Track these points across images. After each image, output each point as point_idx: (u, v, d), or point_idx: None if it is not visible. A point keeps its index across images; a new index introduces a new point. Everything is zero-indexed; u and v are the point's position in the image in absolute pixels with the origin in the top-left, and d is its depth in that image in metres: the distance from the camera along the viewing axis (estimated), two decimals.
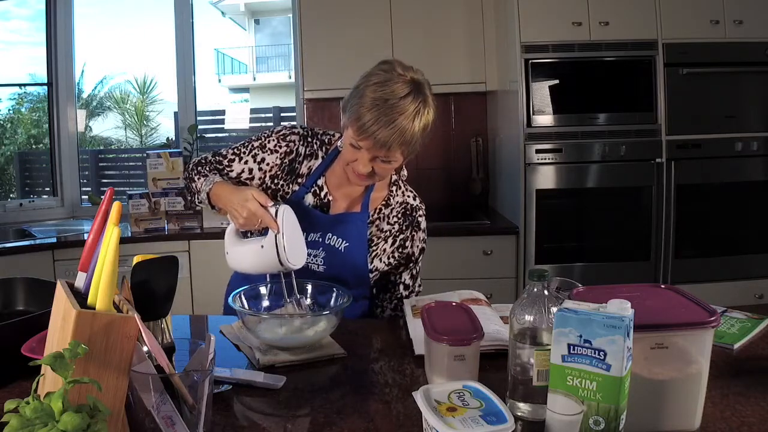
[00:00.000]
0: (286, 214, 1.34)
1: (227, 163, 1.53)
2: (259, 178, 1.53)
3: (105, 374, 0.80)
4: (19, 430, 0.69)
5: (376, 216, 1.55)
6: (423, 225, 1.60)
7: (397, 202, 1.57)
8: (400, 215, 1.57)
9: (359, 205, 1.54)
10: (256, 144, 1.53)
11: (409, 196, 1.60)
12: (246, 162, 1.52)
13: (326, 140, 1.55)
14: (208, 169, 1.54)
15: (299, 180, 1.53)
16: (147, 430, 0.84)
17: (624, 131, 2.91)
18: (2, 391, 1.09)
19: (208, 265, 3.02)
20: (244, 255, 1.39)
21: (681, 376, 0.93)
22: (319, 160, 1.53)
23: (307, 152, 1.53)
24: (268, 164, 1.52)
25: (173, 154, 3.24)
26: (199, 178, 1.51)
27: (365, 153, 1.36)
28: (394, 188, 1.58)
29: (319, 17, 3.23)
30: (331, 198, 1.53)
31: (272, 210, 1.34)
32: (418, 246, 1.60)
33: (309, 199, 1.53)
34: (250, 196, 1.35)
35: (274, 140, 1.52)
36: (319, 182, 1.53)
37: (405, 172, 1.61)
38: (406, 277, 1.61)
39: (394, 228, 1.56)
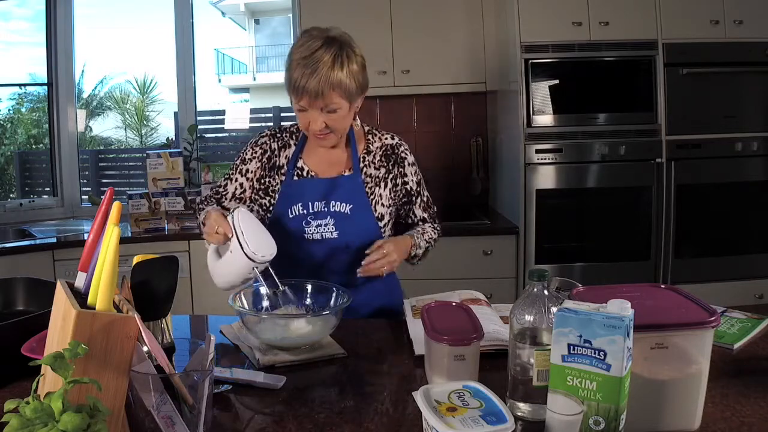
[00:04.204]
0: (239, 215, 1.42)
1: (222, 190, 1.66)
2: (250, 187, 1.65)
3: (105, 374, 0.80)
4: (19, 430, 0.69)
5: (361, 164, 1.63)
6: (410, 158, 1.68)
7: (377, 147, 1.66)
8: (382, 158, 1.65)
9: (349, 168, 1.61)
10: (238, 162, 1.66)
11: (386, 138, 1.68)
12: (236, 180, 1.65)
13: (294, 129, 1.67)
14: (206, 204, 1.67)
15: (282, 171, 1.62)
16: (147, 430, 0.84)
17: (624, 131, 2.90)
18: (2, 391, 1.09)
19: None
20: (222, 267, 1.45)
21: (681, 376, 0.93)
22: (293, 148, 1.64)
23: (279, 145, 1.65)
24: (252, 171, 1.64)
25: (173, 154, 3.24)
26: (200, 215, 1.62)
27: (311, 112, 1.47)
28: (370, 137, 1.67)
29: (319, 17, 3.21)
30: (314, 174, 1.61)
31: (229, 217, 1.43)
32: (412, 179, 1.67)
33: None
34: (212, 214, 1.47)
35: (249, 150, 1.65)
36: (299, 164, 1.62)
37: (358, 121, 1.67)
38: (418, 211, 1.69)
39: (380, 172, 1.64)
